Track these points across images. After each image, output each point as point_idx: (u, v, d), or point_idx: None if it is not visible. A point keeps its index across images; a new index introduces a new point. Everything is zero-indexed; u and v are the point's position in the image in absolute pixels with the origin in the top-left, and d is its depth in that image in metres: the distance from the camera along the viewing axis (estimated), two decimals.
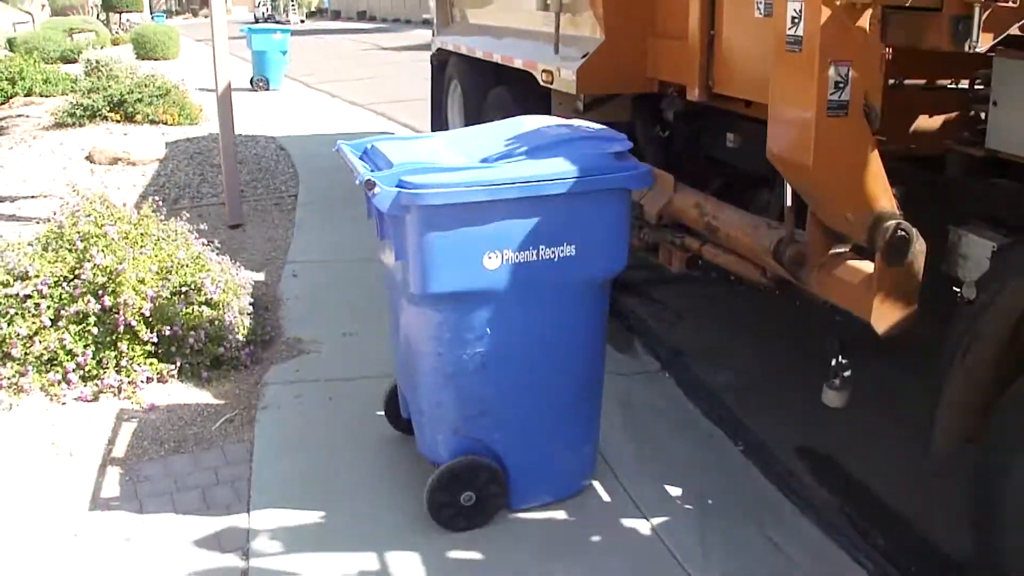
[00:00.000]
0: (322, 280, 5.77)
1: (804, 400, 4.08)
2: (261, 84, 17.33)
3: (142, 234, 4.73)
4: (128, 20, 43.48)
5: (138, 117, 11.96)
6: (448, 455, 3.16)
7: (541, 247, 2.97)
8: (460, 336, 3.03)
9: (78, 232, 4.50)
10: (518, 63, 5.74)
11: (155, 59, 24.05)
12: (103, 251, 4.37)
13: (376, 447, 3.72)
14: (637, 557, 3.07)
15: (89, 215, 4.68)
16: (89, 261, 4.32)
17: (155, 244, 4.73)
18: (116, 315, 4.21)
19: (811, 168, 2.72)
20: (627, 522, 3.26)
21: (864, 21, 2.60)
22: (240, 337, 4.48)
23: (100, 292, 4.25)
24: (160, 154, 9.92)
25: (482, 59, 6.61)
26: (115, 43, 29.59)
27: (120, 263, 4.29)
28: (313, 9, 78.14)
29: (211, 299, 4.48)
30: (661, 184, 4.02)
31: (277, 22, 49.73)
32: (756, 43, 3.57)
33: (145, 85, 12.49)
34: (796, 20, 2.66)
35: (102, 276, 4.28)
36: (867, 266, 2.92)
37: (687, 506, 3.38)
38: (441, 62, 8.36)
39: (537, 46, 5.56)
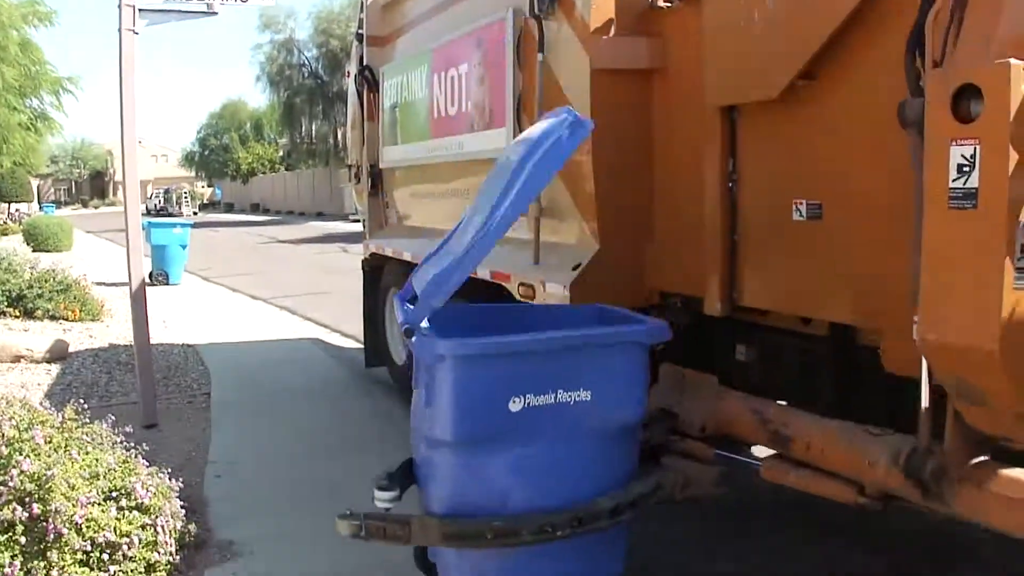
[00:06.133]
0: (247, 480, 5.73)
1: (690, 527, 4.39)
2: (160, 279, 17.29)
3: (67, 438, 4.71)
4: (18, 210, 43.19)
5: (38, 313, 11.81)
6: None
7: (559, 391, 3.18)
8: (483, 476, 3.20)
9: (1, 437, 4.46)
10: (483, 274, 5.16)
11: (47, 251, 23.89)
12: (30, 456, 4.33)
13: None
14: None
15: (11, 419, 4.65)
16: (15, 467, 4.27)
17: (81, 448, 4.70)
18: (45, 523, 4.14)
19: (996, 354, 2.17)
20: None
21: None
22: (172, 542, 4.43)
23: (27, 500, 4.18)
24: (64, 352, 9.79)
25: None
26: (3, 233, 29.32)
27: (49, 469, 4.25)
28: (206, 201, 78.82)
29: (142, 503, 4.44)
30: (700, 387, 3.73)
31: (170, 214, 49.99)
32: (795, 248, 3.42)
33: (45, 280, 12.39)
34: (966, 168, 2.20)
35: (30, 483, 4.22)
36: None
37: None
38: (375, 268, 8.10)
39: (507, 254, 4.96)
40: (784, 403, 3.67)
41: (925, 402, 2.61)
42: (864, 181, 3.15)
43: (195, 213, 58.79)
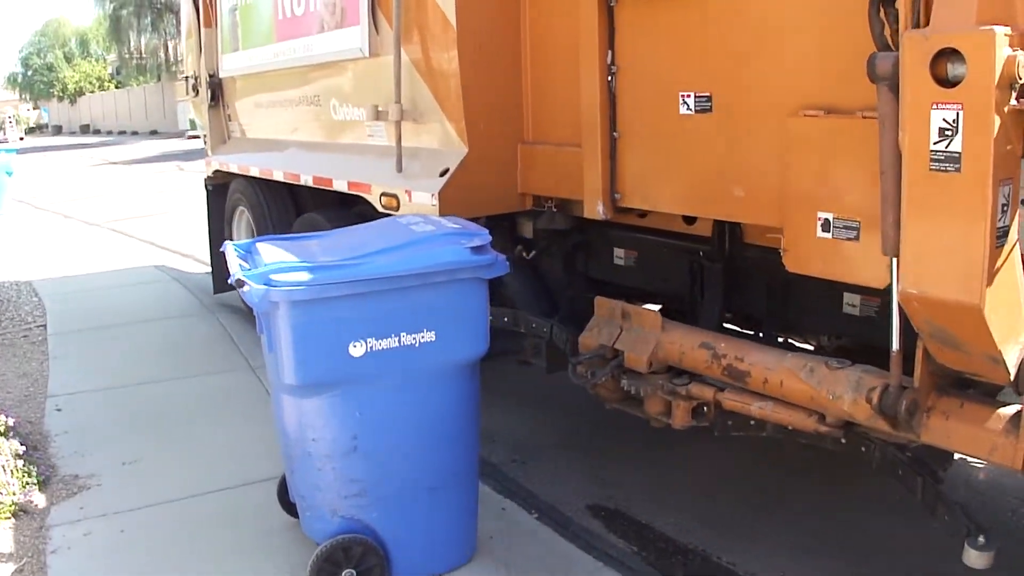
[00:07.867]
0: (89, 412, 5.39)
1: (584, 463, 4.59)
2: None
3: None
4: None
5: None
6: (328, 535, 3.23)
7: (402, 334, 3.10)
8: (331, 422, 3.15)
9: None
10: (340, 185, 4.90)
11: None
12: None
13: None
14: None
15: None
16: None
17: None
18: None
19: (980, 309, 2.25)
20: None
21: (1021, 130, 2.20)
22: (15, 481, 4.10)
23: None
24: None
25: (282, 182, 5.95)
26: None
27: None
28: (33, 125, 74.63)
29: None
30: (643, 324, 3.52)
31: None
32: (684, 144, 3.25)
33: None
34: (948, 132, 2.19)
35: None
36: (1006, 410, 2.58)
37: None
38: (219, 186, 7.61)
39: (367, 163, 4.74)
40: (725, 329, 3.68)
41: (896, 345, 2.65)
42: (758, 70, 2.95)
43: (21, 138, 55.25)
